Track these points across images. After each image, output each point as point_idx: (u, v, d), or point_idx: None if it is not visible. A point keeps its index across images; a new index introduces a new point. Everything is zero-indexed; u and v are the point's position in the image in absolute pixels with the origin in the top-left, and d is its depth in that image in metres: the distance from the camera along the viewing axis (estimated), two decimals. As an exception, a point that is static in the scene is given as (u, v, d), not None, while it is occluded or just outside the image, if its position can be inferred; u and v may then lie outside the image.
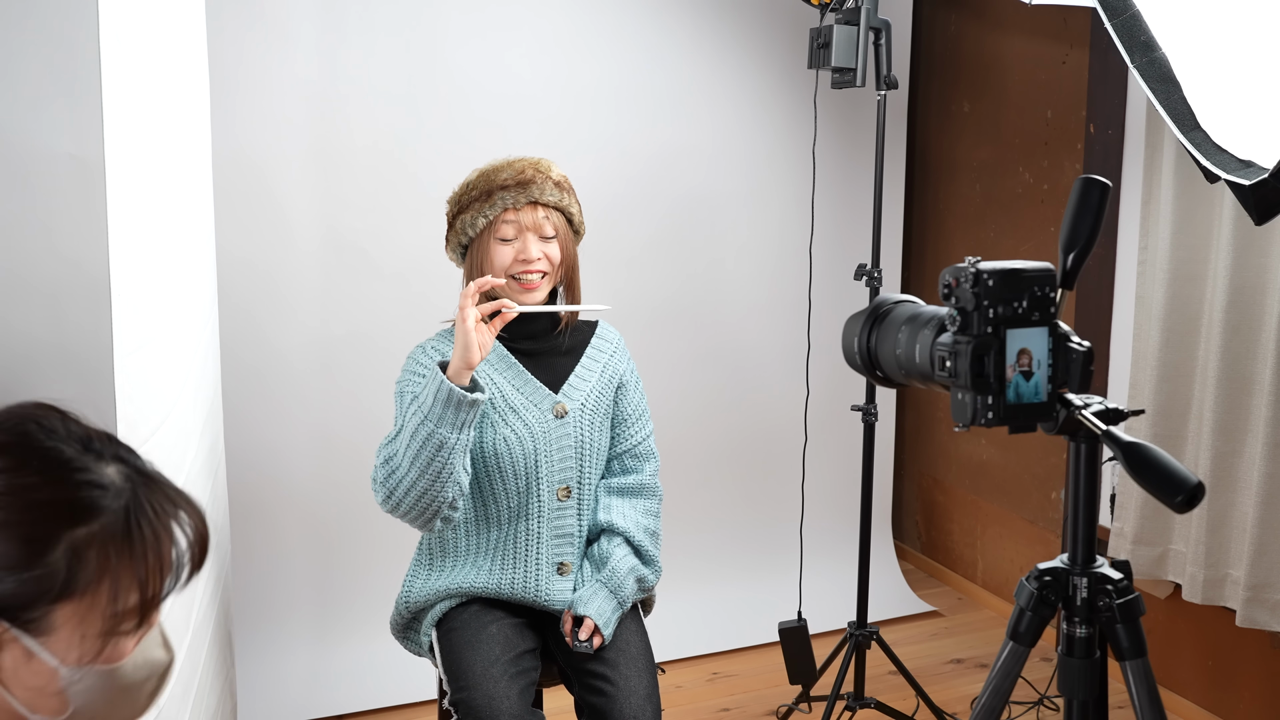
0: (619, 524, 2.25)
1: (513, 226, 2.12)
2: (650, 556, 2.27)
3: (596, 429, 2.23)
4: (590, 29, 3.36)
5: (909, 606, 3.78)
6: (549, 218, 2.14)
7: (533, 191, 2.12)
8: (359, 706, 3.11)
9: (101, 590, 0.99)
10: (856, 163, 3.72)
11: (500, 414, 2.16)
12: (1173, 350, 2.88)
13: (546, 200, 2.14)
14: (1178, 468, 1.20)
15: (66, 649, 1.00)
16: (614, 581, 2.19)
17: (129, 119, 1.58)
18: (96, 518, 0.99)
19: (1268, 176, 1.98)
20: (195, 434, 2.11)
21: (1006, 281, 1.25)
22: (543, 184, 2.13)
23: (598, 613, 2.15)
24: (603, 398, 2.25)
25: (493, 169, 2.16)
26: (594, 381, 2.25)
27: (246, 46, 3.01)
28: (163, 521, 1.03)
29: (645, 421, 2.32)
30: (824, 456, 3.61)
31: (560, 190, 2.16)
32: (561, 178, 2.18)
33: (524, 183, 2.12)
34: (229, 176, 2.96)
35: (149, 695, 1.10)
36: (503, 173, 2.14)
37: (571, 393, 2.22)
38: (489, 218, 2.12)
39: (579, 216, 2.22)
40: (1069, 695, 1.39)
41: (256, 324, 3.11)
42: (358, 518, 3.26)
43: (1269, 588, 2.68)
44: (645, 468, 2.31)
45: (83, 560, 0.98)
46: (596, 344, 2.29)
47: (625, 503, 2.28)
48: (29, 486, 0.98)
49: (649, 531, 2.28)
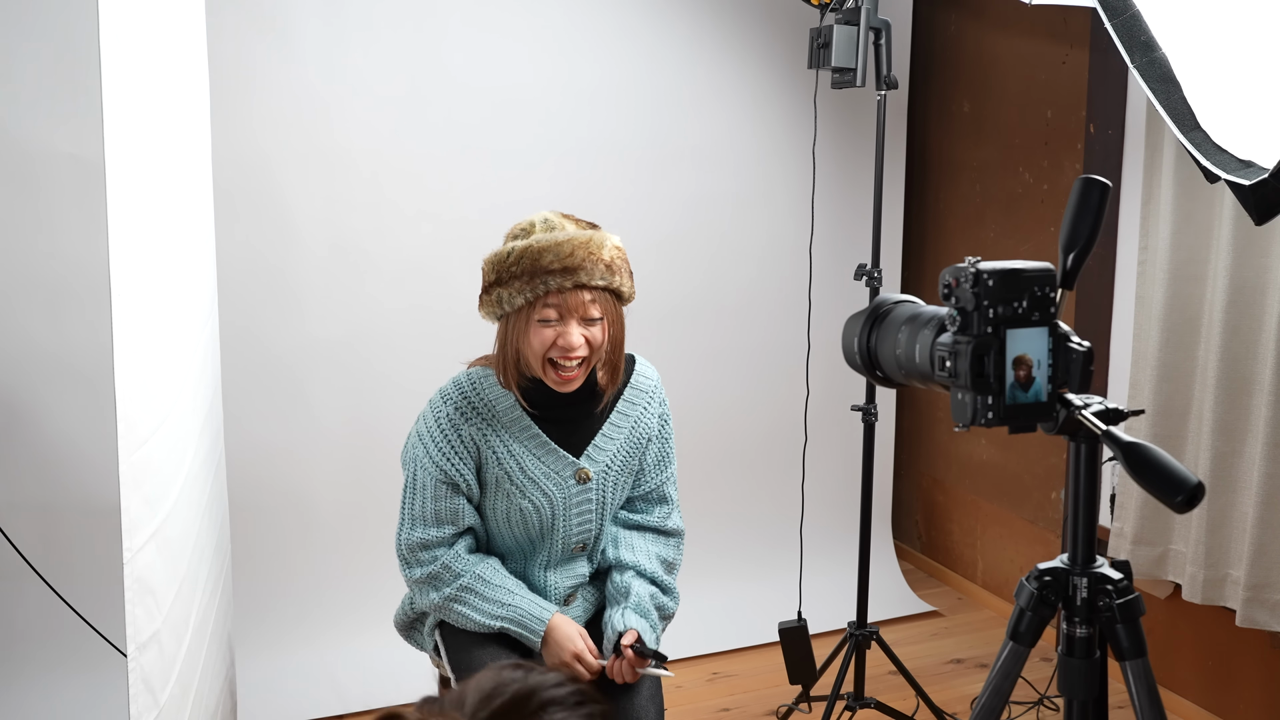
0: (627, 559, 2.19)
1: (555, 310, 1.97)
2: (666, 585, 2.21)
3: (620, 487, 2.18)
4: (590, 29, 3.35)
5: (909, 606, 3.78)
6: (596, 300, 1.99)
7: (580, 276, 1.95)
8: (359, 706, 3.11)
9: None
10: (856, 163, 3.72)
11: (519, 485, 2.09)
12: (1173, 350, 2.88)
13: (595, 284, 1.98)
14: (1178, 468, 1.20)
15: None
16: (641, 609, 2.14)
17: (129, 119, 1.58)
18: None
19: (1268, 176, 1.97)
20: (195, 434, 2.11)
21: (1006, 281, 1.25)
22: (592, 268, 1.96)
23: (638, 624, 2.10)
24: (629, 458, 2.17)
25: (539, 248, 1.95)
26: (621, 441, 2.15)
27: (246, 46, 3.01)
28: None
29: (664, 467, 2.24)
30: (824, 456, 3.61)
31: (610, 271, 1.99)
32: (613, 255, 2.00)
33: (571, 268, 1.95)
34: (229, 176, 2.96)
35: None
36: (548, 255, 1.94)
37: (596, 455, 2.13)
38: (529, 299, 1.96)
39: (630, 290, 2.06)
40: (1069, 695, 1.39)
41: (256, 324, 3.11)
42: (358, 517, 3.26)
43: (1269, 588, 2.68)
44: (655, 510, 2.25)
45: None
46: (630, 396, 2.17)
47: (634, 534, 2.24)
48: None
49: (663, 560, 2.23)
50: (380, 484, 3.15)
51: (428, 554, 2.10)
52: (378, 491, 3.20)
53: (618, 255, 2.02)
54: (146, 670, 1.67)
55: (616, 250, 2.02)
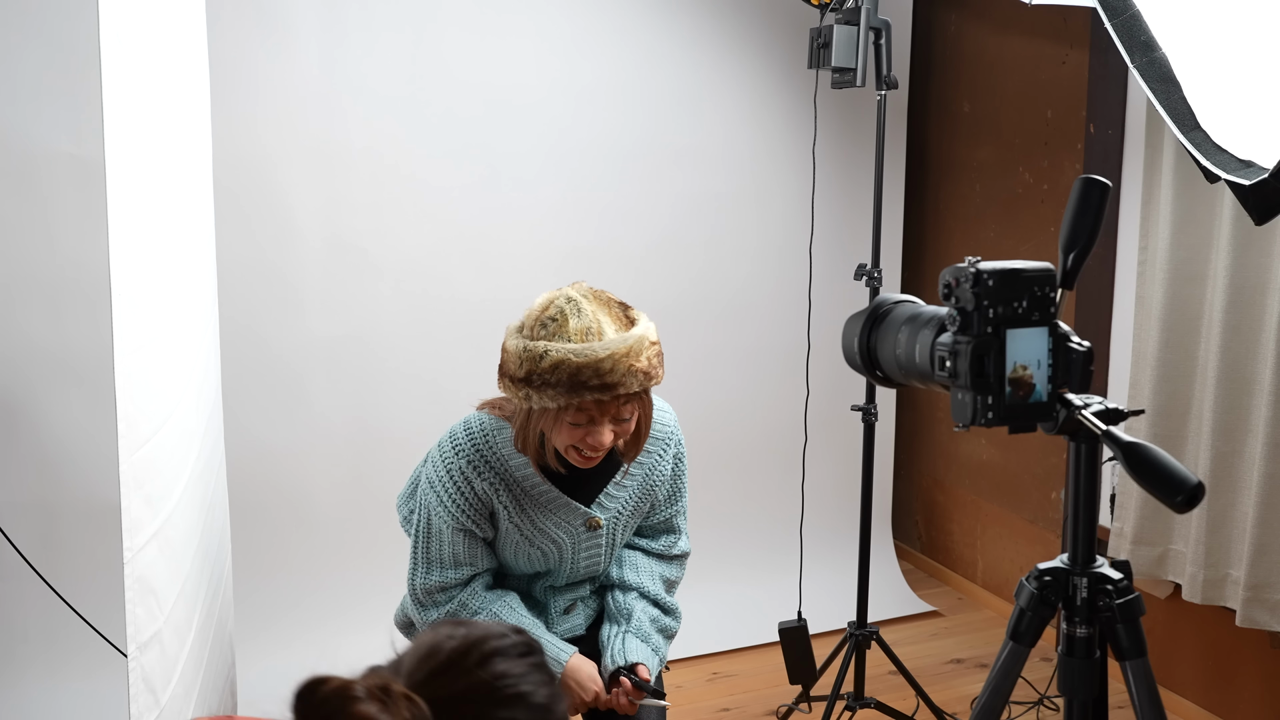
0: (630, 579, 2.19)
1: (588, 414, 1.91)
2: (668, 605, 2.20)
3: (630, 529, 2.17)
4: (590, 29, 3.35)
5: (909, 606, 3.78)
6: (630, 403, 1.94)
7: (618, 390, 1.88)
8: (359, 706, 3.11)
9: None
10: (856, 163, 3.72)
11: (528, 536, 2.07)
12: (1173, 350, 2.88)
13: (632, 393, 1.92)
14: (1178, 468, 1.20)
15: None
16: (642, 633, 2.13)
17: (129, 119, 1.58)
18: None
19: (1268, 176, 1.98)
20: (197, 434, 2.11)
21: (1006, 281, 1.25)
22: (629, 380, 1.88)
23: (644, 657, 2.09)
24: (642, 502, 2.15)
25: (577, 365, 1.85)
26: (633, 489, 2.13)
27: (247, 46, 3.01)
28: None
29: (675, 501, 2.22)
30: (824, 456, 3.61)
31: (648, 377, 1.91)
32: (650, 357, 1.92)
33: (610, 385, 1.87)
34: (229, 176, 2.96)
35: None
36: (586, 371, 1.85)
37: (607, 503, 2.10)
38: (563, 405, 1.88)
39: (661, 376, 1.96)
40: (1069, 695, 1.39)
41: (257, 324, 3.11)
42: (358, 518, 3.26)
43: (1269, 588, 2.68)
44: (662, 539, 2.24)
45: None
46: (647, 446, 2.11)
47: (637, 554, 2.24)
48: None
49: (665, 579, 2.22)
50: (381, 484, 3.15)
51: (444, 595, 2.09)
52: (378, 491, 3.20)
53: (654, 354, 1.93)
54: (147, 670, 1.67)
55: (654, 348, 1.94)
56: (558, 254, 3.40)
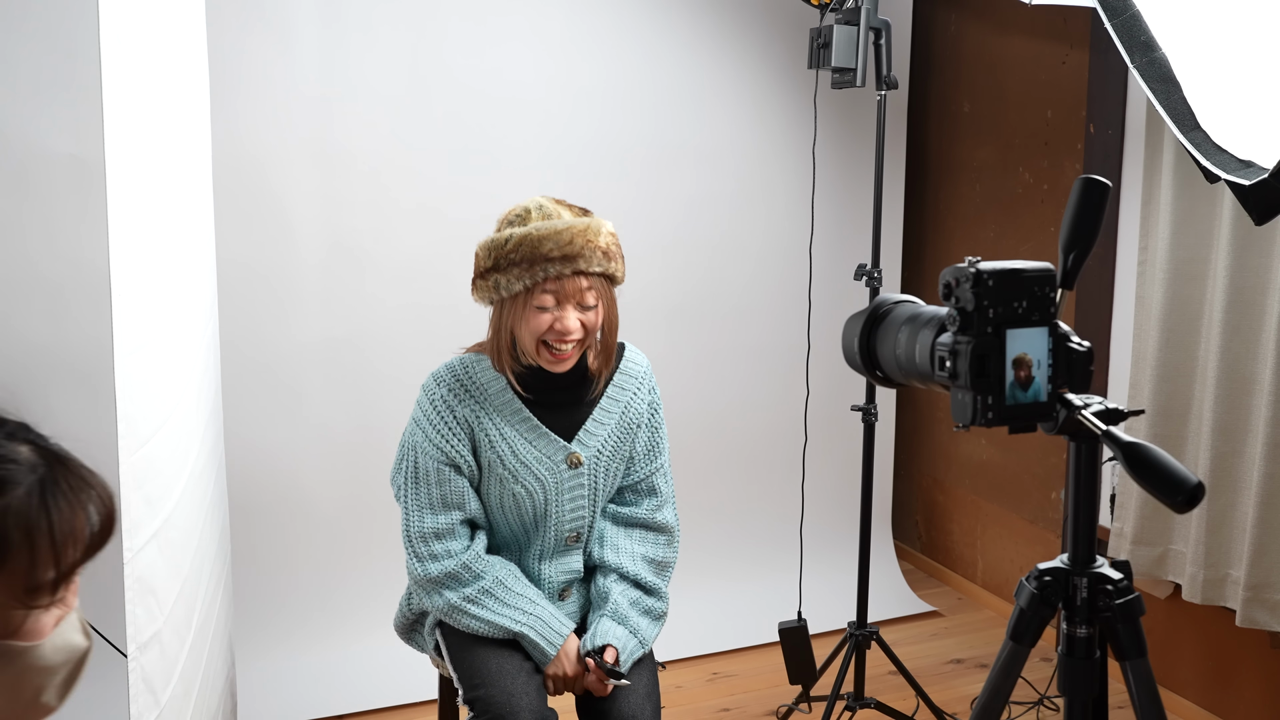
0: (610, 560, 2.19)
1: (552, 296, 2.00)
2: (651, 585, 2.19)
3: (612, 474, 2.19)
4: (590, 29, 3.36)
5: (909, 606, 3.78)
6: (593, 287, 2.02)
7: (579, 264, 1.99)
8: (359, 706, 3.11)
9: (16, 562, 1.01)
10: (856, 163, 3.72)
11: (511, 470, 2.09)
12: (1173, 350, 2.88)
13: (593, 270, 2.01)
14: (1178, 468, 1.20)
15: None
16: (619, 615, 2.14)
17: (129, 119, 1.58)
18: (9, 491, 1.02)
19: (1268, 176, 1.98)
20: (197, 434, 2.11)
21: (1006, 281, 1.25)
22: (590, 255, 1.99)
23: (615, 639, 2.10)
24: (621, 443, 2.18)
25: (538, 236, 1.98)
26: (612, 426, 2.16)
27: (246, 46, 3.01)
28: (75, 497, 1.06)
29: (655, 457, 2.23)
30: (824, 456, 3.61)
31: (607, 258, 2.03)
32: (609, 242, 2.04)
33: (570, 256, 1.98)
34: (229, 176, 2.96)
35: (65, 681, 1.12)
36: (547, 243, 1.98)
37: (587, 439, 2.14)
38: (528, 285, 1.99)
39: (622, 274, 2.09)
40: (1069, 695, 1.39)
41: (257, 324, 3.11)
42: (358, 518, 3.26)
43: (1269, 588, 2.68)
44: (644, 502, 2.23)
45: None
46: (619, 381, 2.18)
47: (620, 533, 2.23)
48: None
49: (649, 560, 2.21)
50: (380, 483, 3.15)
51: (441, 546, 2.09)
52: (378, 490, 3.20)
53: (613, 241, 2.06)
54: (147, 670, 1.67)
55: (612, 236, 2.06)
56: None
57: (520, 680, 2.05)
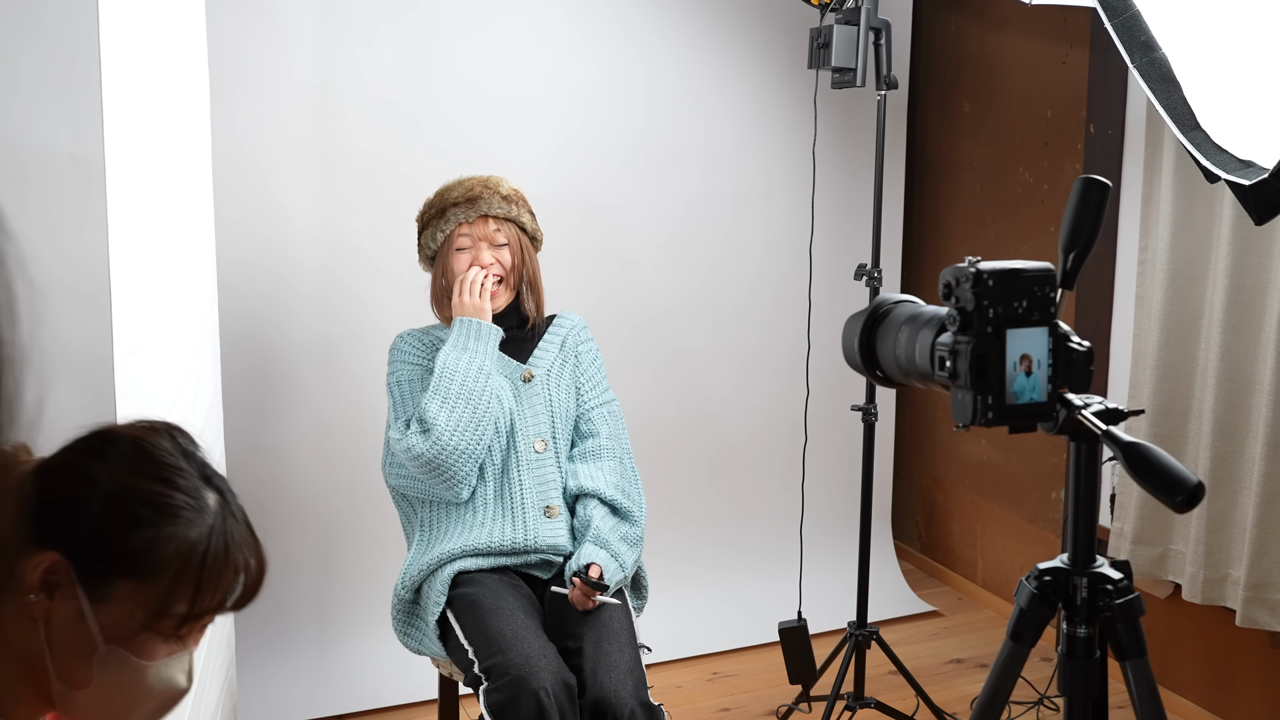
0: (588, 485, 2.39)
1: (467, 238, 2.40)
2: (625, 510, 2.40)
3: (562, 391, 2.47)
4: (590, 29, 3.35)
5: (909, 606, 3.78)
6: (500, 229, 2.41)
7: (481, 206, 2.39)
8: (359, 706, 3.11)
9: (162, 583, 1.11)
10: (856, 163, 3.72)
11: None
12: (1173, 350, 2.88)
13: (495, 213, 2.40)
14: (1178, 468, 1.20)
15: (112, 624, 1.10)
16: (600, 539, 2.31)
17: (129, 119, 1.58)
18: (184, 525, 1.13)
19: (1268, 176, 1.98)
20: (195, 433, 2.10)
21: (1006, 281, 1.25)
22: (490, 199, 2.40)
23: (601, 561, 2.26)
24: (564, 365, 2.50)
25: (446, 189, 2.44)
26: (554, 352, 2.50)
27: (246, 46, 3.01)
28: (233, 555, 1.18)
29: (599, 389, 2.52)
30: (824, 456, 3.61)
31: (509, 203, 2.42)
32: (511, 191, 2.44)
33: (473, 199, 2.40)
34: (229, 176, 2.96)
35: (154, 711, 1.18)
36: (454, 191, 2.42)
37: (536, 362, 2.47)
38: (445, 231, 2.41)
39: (531, 225, 2.47)
40: (1069, 695, 1.39)
41: (256, 324, 3.11)
42: (357, 517, 3.26)
43: (1269, 588, 2.68)
44: (602, 430, 2.47)
45: (159, 551, 1.11)
46: (556, 325, 2.54)
47: (589, 466, 2.44)
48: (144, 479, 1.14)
49: (619, 488, 2.42)
50: (379, 483, 3.15)
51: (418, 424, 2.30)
52: (377, 490, 3.19)
53: (515, 193, 2.45)
54: (146, 670, 1.66)
55: (514, 190, 2.45)
56: (556, 253, 3.39)
57: (538, 644, 2.08)
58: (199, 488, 1.17)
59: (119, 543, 1.10)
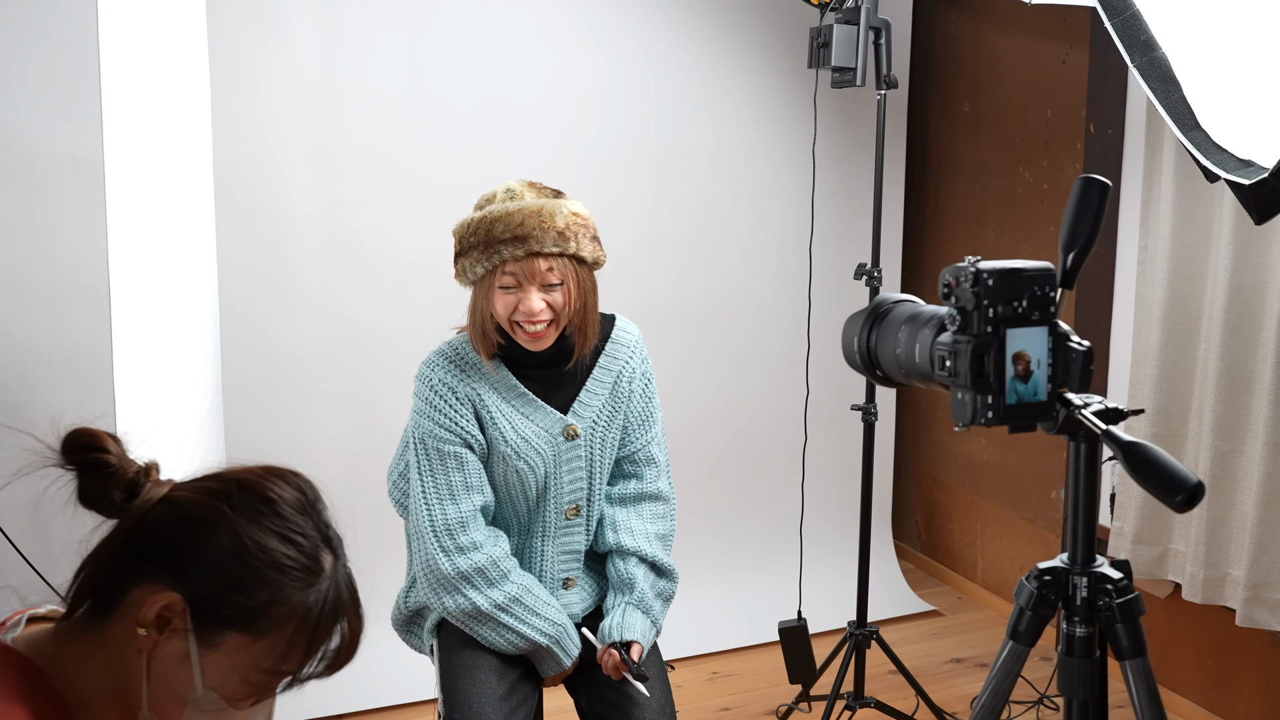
0: (628, 544, 2.19)
1: (513, 277, 2.02)
2: (666, 567, 2.22)
3: (608, 445, 2.19)
4: (590, 30, 3.36)
5: (909, 606, 3.78)
6: (553, 267, 2.01)
7: (531, 245, 1.99)
8: (359, 706, 3.11)
9: (268, 642, 1.14)
10: (856, 163, 3.72)
11: (513, 447, 2.08)
12: (1173, 350, 2.88)
13: (549, 251, 2.00)
14: (1178, 467, 1.20)
15: (213, 672, 1.13)
16: (644, 604, 2.15)
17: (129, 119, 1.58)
18: (301, 587, 1.15)
19: (1268, 176, 1.97)
20: (194, 433, 2.11)
21: (1006, 281, 1.25)
22: (542, 236, 1.99)
23: (641, 635, 2.11)
24: (615, 412, 2.19)
25: (491, 219, 2.02)
26: (605, 396, 2.17)
27: (246, 46, 3.01)
28: (337, 620, 1.19)
29: (649, 426, 2.24)
30: (824, 456, 3.61)
31: (564, 238, 2.01)
32: (568, 223, 2.02)
33: (522, 237, 1.99)
34: (229, 176, 2.96)
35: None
36: (499, 225, 2.00)
37: (582, 411, 2.15)
38: (488, 267, 2.02)
39: (592, 252, 2.06)
40: (1069, 695, 1.39)
41: (257, 324, 3.11)
42: (357, 517, 3.25)
43: (1269, 587, 2.68)
44: (646, 473, 2.24)
45: (274, 613, 1.13)
46: (610, 352, 2.19)
47: (630, 514, 2.23)
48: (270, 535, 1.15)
49: (660, 537, 2.23)
50: (380, 482, 3.15)
51: (468, 537, 2.06)
52: (377, 490, 3.19)
53: (574, 221, 2.03)
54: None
55: (573, 217, 2.04)
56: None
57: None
58: (318, 549, 1.19)
59: (239, 598, 1.12)
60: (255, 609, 1.12)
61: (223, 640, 1.12)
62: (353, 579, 1.23)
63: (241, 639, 1.12)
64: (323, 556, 1.19)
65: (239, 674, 1.14)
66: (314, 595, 1.15)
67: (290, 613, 1.14)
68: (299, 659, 1.16)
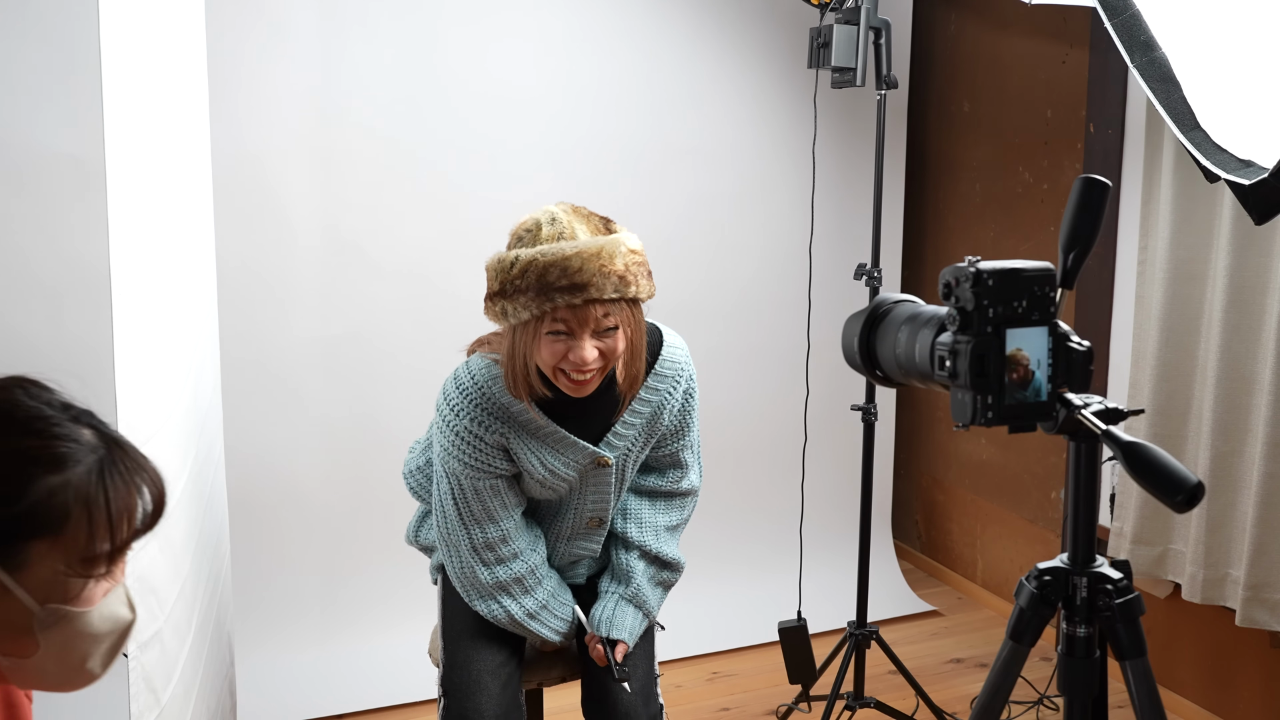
0: (634, 535, 2.16)
1: (564, 325, 1.83)
2: (669, 559, 2.18)
3: (638, 462, 2.14)
4: (590, 29, 3.36)
5: (909, 606, 3.78)
6: (609, 313, 1.84)
7: (590, 293, 1.80)
8: (359, 706, 3.11)
9: (75, 532, 1.10)
10: (856, 163, 3.72)
11: (538, 479, 2.03)
12: (1173, 350, 2.88)
13: (607, 298, 1.82)
14: (1177, 467, 1.20)
15: (39, 586, 1.10)
16: (639, 598, 2.14)
17: (129, 119, 1.58)
18: (71, 468, 1.10)
19: (1268, 176, 1.98)
20: (195, 433, 2.11)
21: (1006, 281, 1.25)
22: (602, 283, 1.80)
23: (629, 633, 2.11)
24: (650, 436, 2.10)
25: (544, 264, 1.79)
26: (640, 427, 2.07)
27: (246, 46, 3.01)
28: (131, 478, 1.15)
29: (683, 435, 2.17)
30: (824, 456, 3.61)
31: (624, 282, 1.82)
32: (628, 263, 1.83)
33: (580, 285, 1.79)
34: (229, 176, 2.96)
35: (109, 650, 1.20)
36: (554, 270, 1.79)
37: (615, 441, 2.05)
38: (537, 314, 1.82)
39: (648, 290, 1.90)
40: (1069, 695, 1.39)
41: (256, 324, 3.11)
42: (357, 517, 3.26)
43: (1268, 587, 2.68)
44: (669, 474, 2.20)
45: (56, 503, 1.09)
46: (653, 383, 2.05)
47: (644, 504, 2.19)
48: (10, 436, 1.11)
49: (669, 528, 2.20)
50: (379, 482, 3.15)
51: (509, 549, 2.05)
52: (377, 489, 3.20)
53: (633, 260, 1.85)
54: (148, 669, 1.67)
55: (631, 255, 1.85)
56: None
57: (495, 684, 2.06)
58: (70, 428, 1.14)
59: (15, 508, 1.08)
60: (37, 510, 1.08)
61: (28, 554, 1.09)
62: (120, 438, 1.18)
63: (42, 544, 1.09)
64: (78, 431, 1.14)
65: (62, 575, 1.11)
66: (82, 469, 1.11)
67: (75, 496, 1.09)
68: (107, 532, 1.11)
